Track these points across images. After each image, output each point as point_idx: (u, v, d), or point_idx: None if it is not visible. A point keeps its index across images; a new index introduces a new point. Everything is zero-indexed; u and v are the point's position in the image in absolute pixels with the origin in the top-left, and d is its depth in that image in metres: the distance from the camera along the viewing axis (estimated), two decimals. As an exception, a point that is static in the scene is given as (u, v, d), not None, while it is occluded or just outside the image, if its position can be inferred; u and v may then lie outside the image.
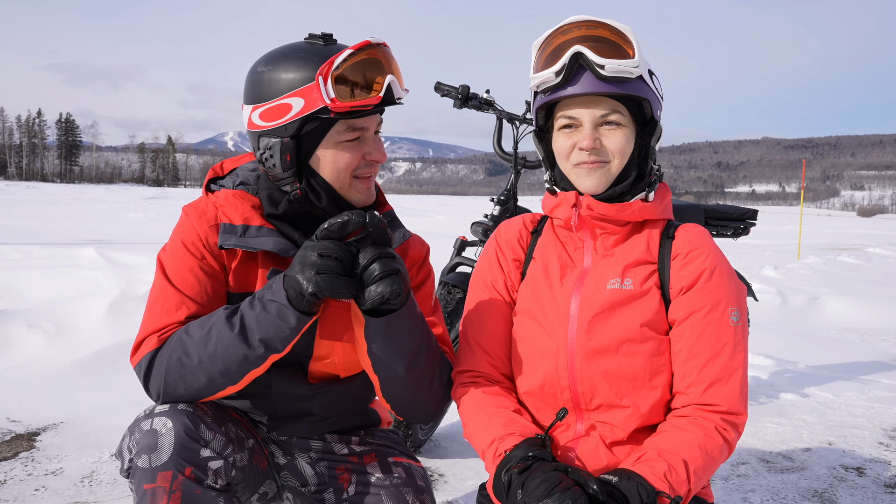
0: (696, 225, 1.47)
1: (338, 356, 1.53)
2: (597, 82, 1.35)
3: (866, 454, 3.04)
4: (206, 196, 1.54)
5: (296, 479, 1.59)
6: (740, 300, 1.40)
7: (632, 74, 1.35)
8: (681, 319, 1.38)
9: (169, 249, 1.48)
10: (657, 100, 1.42)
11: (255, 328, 1.32)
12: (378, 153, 1.47)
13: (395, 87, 1.42)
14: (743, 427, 1.36)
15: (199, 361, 1.33)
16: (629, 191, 1.43)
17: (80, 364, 3.50)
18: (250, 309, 1.33)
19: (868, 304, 6.87)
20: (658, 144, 1.45)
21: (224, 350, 1.32)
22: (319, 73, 1.36)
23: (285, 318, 1.30)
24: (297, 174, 1.44)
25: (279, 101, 1.39)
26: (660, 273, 1.42)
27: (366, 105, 1.38)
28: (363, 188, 1.49)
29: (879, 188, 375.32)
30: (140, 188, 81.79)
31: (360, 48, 1.38)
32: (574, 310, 1.40)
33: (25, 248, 6.57)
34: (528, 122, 2.88)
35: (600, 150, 1.39)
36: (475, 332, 1.51)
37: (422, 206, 40.75)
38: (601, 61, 1.33)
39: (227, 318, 1.34)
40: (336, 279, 1.27)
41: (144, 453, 1.30)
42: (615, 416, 1.38)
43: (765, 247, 16.60)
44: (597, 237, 1.45)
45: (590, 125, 1.39)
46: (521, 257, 1.55)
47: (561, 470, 1.20)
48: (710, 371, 1.34)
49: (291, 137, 1.41)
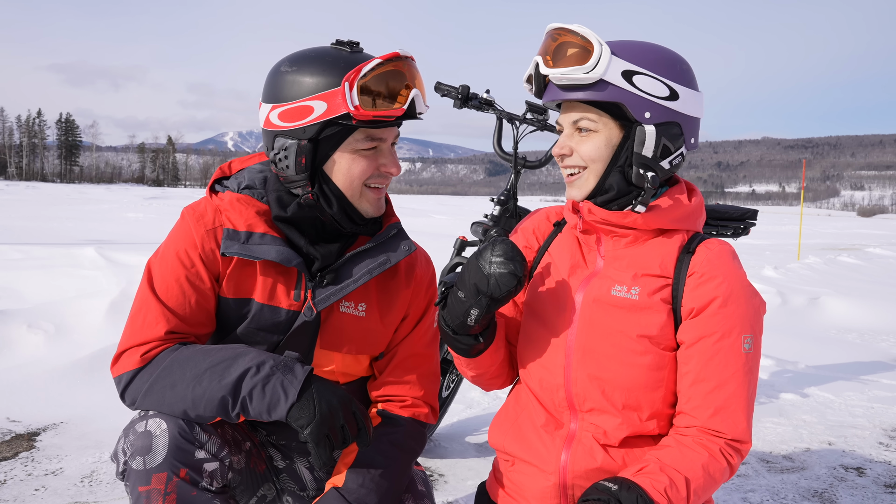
0: (721, 242, 1.39)
1: (338, 365, 1.53)
2: (556, 90, 1.37)
3: (866, 454, 3.04)
4: (209, 197, 1.51)
5: (295, 484, 1.59)
6: (756, 325, 1.35)
7: (585, 81, 1.31)
8: (691, 343, 1.34)
9: (160, 257, 1.46)
10: (640, 101, 1.33)
11: (247, 399, 1.31)
12: (393, 165, 1.47)
13: (418, 101, 1.42)
14: (746, 453, 1.34)
15: (182, 392, 1.33)
16: (614, 199, 1.38)
17: (80, 364, 3.49)
18: (251, 377, 1.32)
19: (868, 304, 6.86)
20: (650, 150, 1.34)
21: (208, 392, 1.31)
22: (346, 78, 1.35)
23: (272, 410, 1.30)
24: (309, 178, 1.43)
25: (301, 102, 1.38)
26: (673, 289, 1.36)
27: (388, 116, 1.38)
28: (374, 199, 1.48)
29: (879, 188, 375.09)
30: (140, 188, 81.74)
31: (388, 59, 1.38)
32: (577, 308, 1.40)
33: (25, 248, 6.57)
34: (528, 122, 2.88)
35: (572, 157, 1.39)
36: None
37: (422, 206, 40.73)
38: (546, 71, 1.35)
39: (222, 371, 1.32)
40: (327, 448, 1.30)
41: (139, 455, 1.29)
42: (607, 421, 1.37)
43: (765, 247, 16.59)
44: (603, 241, 1.43)
45: (568, 131, 1.39)
46: (534, 246, 1.55)
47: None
48: (717, 398, 1.31)
49: (309, 140, 1.40)
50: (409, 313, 1.59)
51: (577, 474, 1.36)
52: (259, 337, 1.46)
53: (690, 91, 1.38)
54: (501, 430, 1.49)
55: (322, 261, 1.47)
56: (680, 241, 1.40)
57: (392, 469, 1.44)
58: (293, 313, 1.46)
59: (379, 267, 1.48)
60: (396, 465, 1.46)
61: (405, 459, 1.49)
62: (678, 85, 1.35)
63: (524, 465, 1.43)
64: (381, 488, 1.41)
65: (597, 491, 1.22)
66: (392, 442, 1.48)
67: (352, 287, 1.46)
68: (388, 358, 1.58)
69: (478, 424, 3.21)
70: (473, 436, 3.05)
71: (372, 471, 1.41)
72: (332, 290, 1.45)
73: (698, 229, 1.44)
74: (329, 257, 1.48)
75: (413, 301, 1.59)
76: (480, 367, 1.45)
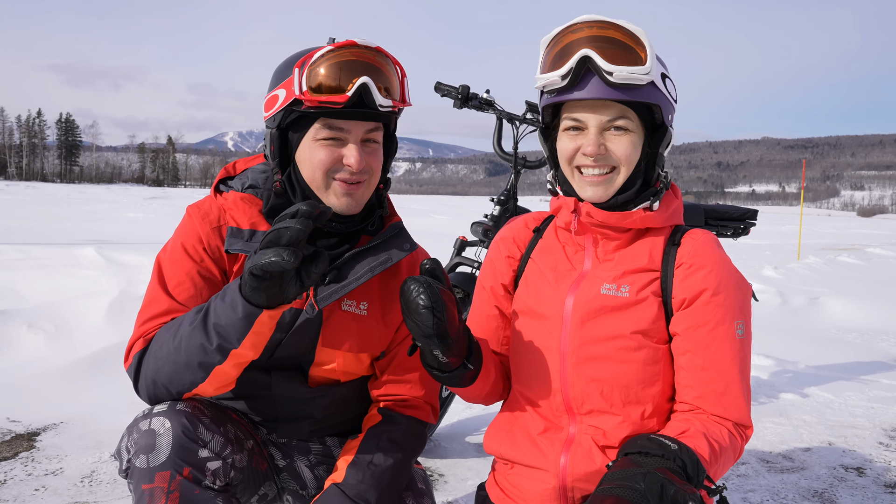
0: (704, 232, 1.41)
1: (339, 364, 1.53)
2: (605, 88, 1.29)
3: (866, 454, 3.04)
4: (213, 197, 1.53)
5: (295, 482, 1.59)
6: (746, 310, 1.37)
7: (642, 81, 1.28)
8: (685, 333, 1.34)
9: (169, 252, 1.47)
10: (669, 105, 1.35)
11: (211, 314, 1.27)
12: (353, 158, 1.42)
13: (372, 90, 1.38)
14: (749, 437, 1.36)
15: (167, 352, 1.31)
16: (633, 199, 1.39)
17: (80, 364, 3.50)
18: (215, 298, 1.29)
19: (868, 304, 6.86)
20: (667, 151, 1.39)
21: (186, 339, 1.28)
22: (297, 65, 1.38)
23: (234, 306, 1.24)
24: (280, 166, 1.46)
25: (272, 91, 1.44)
26: (662, 281, 1.38)
27: (333, 102, 1.37)
28: (341, 192, 1.45)
29: (879, 188, 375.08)
30: (140, 188, 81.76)
31: (341, 46, 1.39)
32: (568, 312, 1.39)
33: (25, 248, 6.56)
34: (528, 122, 2.88)
35: (605, 156, 1.34)
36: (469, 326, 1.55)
37: (422, 206, 40.72)
38: (610, 67, 1.27)
39: (197, 309, 1.31)
40: (278, 258, 1.14)
41: (142, 453, 1.29)
42: (607, 422, 1.37)
43: (765, 247, 16.59)
44: (598, 242, 1.42)
45: (595, 130, 1.33)
46: (517, 255, 1.54)
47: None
48: (718, 385, 1.32)
49: (277, 128, 1.44)
50: None
51: (577, 477, 1.36)
52: None
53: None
54: (496, 439, 1.49)
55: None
56: (665, 234, 1.42)
57: (392, 466, 1.45)
58: (295, 311, 1.46)
59: (381, 265, 1.48)
60: (396, 462, 1.46)
61: (405, 457, 1.49)
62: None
63: (523, 469, 1.43)
64: (381, 484, 1.41)
65: (650, 443, 1.19)
66: (392, 440, 1.48)
67: (353, 285, 1.46)
68: (390, 357, 1.58)
69: (478, 424, 3.21)
70: (473, 436, 3.05)
71: (372, 467, 1.42)
72: (335, 288, 1.45)
73: (681, 222, 1.46)
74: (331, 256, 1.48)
75: None
76: (477, 389, 1.44)
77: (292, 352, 1.49)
